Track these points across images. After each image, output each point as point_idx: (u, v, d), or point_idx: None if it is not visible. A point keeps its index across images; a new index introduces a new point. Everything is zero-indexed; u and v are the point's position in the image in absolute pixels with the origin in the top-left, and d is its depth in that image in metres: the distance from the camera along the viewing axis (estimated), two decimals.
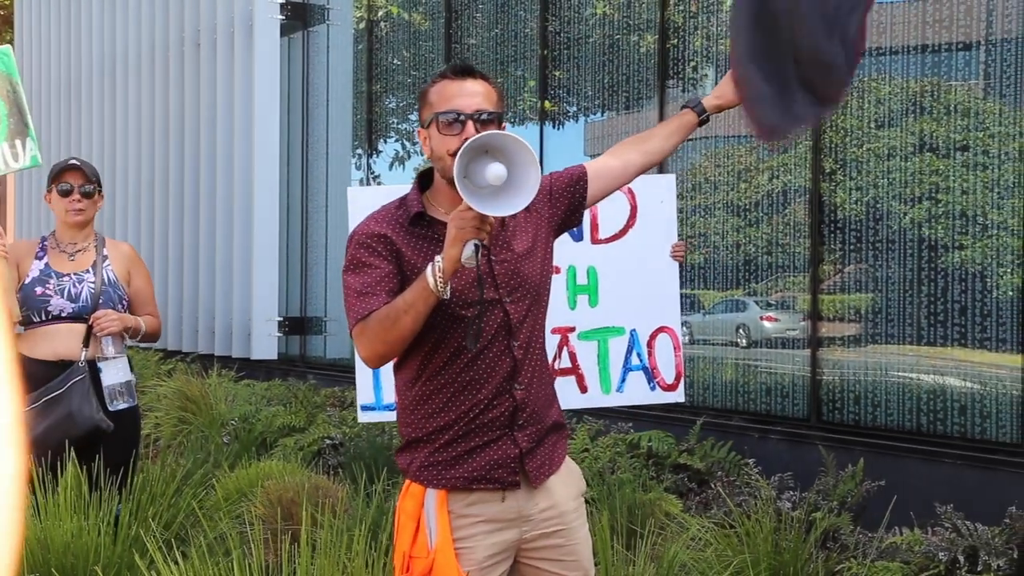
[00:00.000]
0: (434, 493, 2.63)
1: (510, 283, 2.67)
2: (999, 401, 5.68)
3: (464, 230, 2.38)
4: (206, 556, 3.67)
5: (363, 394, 4.75)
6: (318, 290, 10.57)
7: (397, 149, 10.34)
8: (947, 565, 4.53)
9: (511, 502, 2.66)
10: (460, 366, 2.63)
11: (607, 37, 7.89)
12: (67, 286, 4.40)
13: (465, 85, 2.65)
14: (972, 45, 5.99)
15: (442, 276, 2.42)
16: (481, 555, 2.62)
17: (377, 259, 2.63)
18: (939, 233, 5.97)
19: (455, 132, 2.60)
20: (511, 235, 2.72)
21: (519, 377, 2.66)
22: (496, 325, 2.64)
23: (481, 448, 2.64)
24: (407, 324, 2.49)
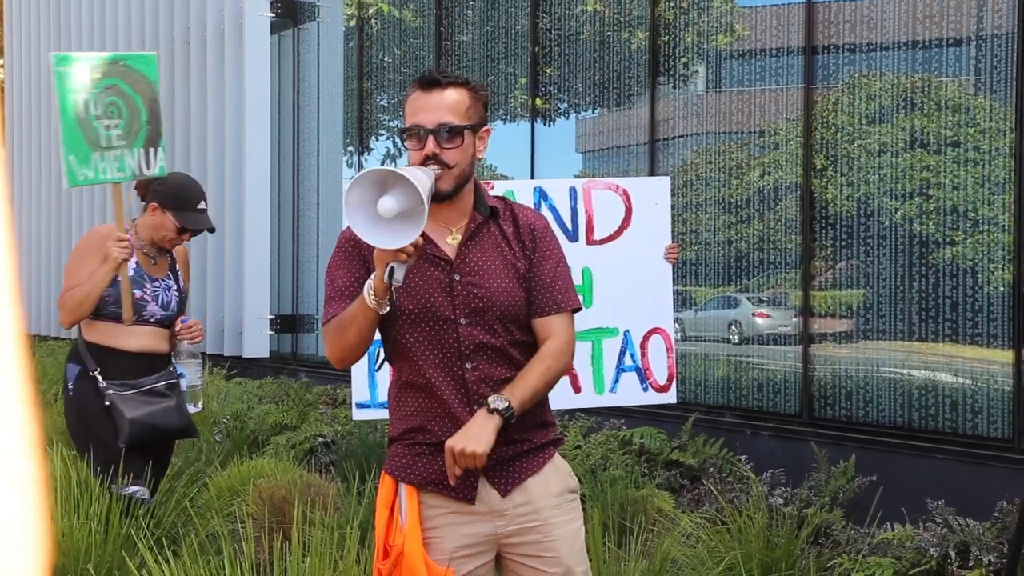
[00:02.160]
0: (404, 486, 2.70)
1: (470, 304, 2.67)
2: (990, 397, 5.69)
3: (381, 253, 2.41)
4: (197, 555, 3.66)
5: (358, 392, 4.75)
6: (310, 288, 10.56)
7: (388, 147, 10.33)
8: (938, 560, 4.54)
9: (481, 497, 2.69)
10: (418, 378, 2.69)
11: (598, 34, 7.89)
12: (160, 293, 4.53)
13: (431, 98, 2.67)
14: (963, 41, 5.99)
15: (374, 294, 2.47)
16: (451, 545, 2.66)
17: (349, 263, 2.71)
18: (930, 229, 5.98)
19: (417, 147, 2.65)
20: (484, 259, 2.72)
21: (475, 399, 2.65)
22: (448, 344, 2.66)
23: (442, 455, 2.63)
24: (352, 335, 2.57)
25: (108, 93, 4.26)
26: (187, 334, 4.52)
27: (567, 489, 2.81)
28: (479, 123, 2.74)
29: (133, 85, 4.33)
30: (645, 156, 7.48)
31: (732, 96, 7.19)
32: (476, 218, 2.76)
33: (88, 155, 4.20)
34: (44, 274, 14.13)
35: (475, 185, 2.79)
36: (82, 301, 4.33)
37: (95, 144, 4.21)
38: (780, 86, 6.79)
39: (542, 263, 2.77)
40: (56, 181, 13.71)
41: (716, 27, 7.17)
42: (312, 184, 10.60)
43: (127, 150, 4.30)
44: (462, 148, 2.67)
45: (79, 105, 4.18)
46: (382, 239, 2.35)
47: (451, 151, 2.65)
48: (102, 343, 4.44)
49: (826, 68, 6.52)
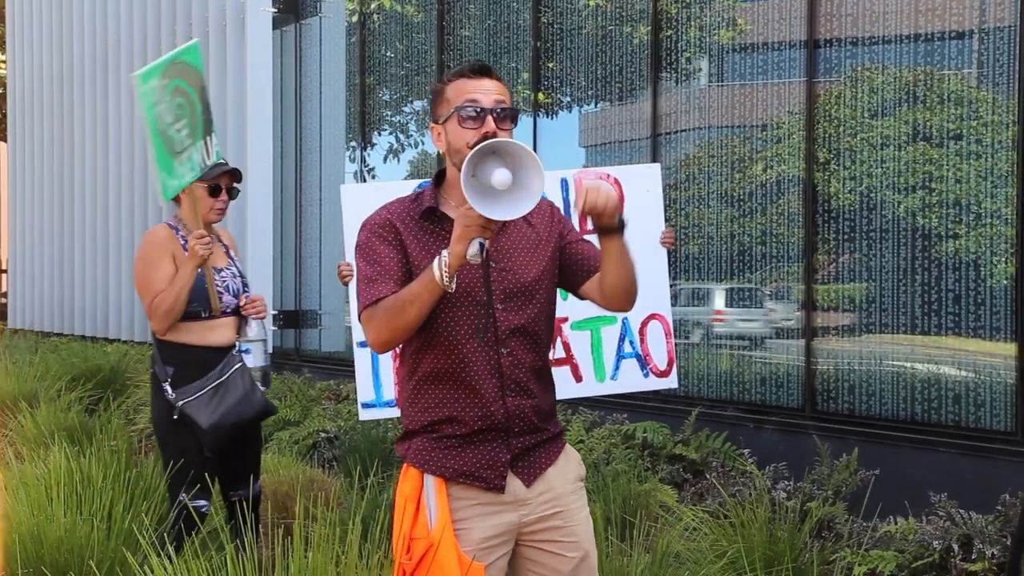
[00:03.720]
0: (432, 477, 2.71)
1: (506, 288, 2.72)
2: (993, 390, 5.68)
3: (470, 228, 2.43)
4: (199, 551, 3.66)
5: (363, 392, 4.74)
6: (313, 283, 10.56)
7: (391, 142, 10.33)
8: (941, 554, 4.54)
9: (509, 486, 2.72)
10: (451, 365, 2.70)
11: (600, 28, 7.88)
12: (228, 282, 4.51)
13: (483, 83, 2.72)
14: (965, 34, 5.98)
15: (447, 270, 2.48)
16: (477, 536, 2.68)
17: (386, 247, 2.72)
18: (933, 222, 5.97)
19: (475, 126, 2.67)
20: (514, 244, 2.78)
21: (510, 386, 2.72)
22: (483, 329, 2.70)
23: (473, 446, 2.71)
24: (412, 314, 2.57)
25: (175, 96, 4.18)
26: (251, 308, 4.47)
27: (579, 476, 2.89)
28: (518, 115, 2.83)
29: (189, 80, 4.26)
30: (647, 150, 7.47)
31: (734, 90, 7.18)
32: None
33: (171, 165, 4.16)
34: (47, 269, 14.14)
35: None
36: (173, 304, 4.29)
37: (173, 152, 4.16)
38: (782, 80, 6.78)
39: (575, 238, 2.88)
40: (59, 176, 13.73)
41: (718, 21, 7.15)
42: (315, 179, 10.60)
43: (193, 147, 4.26)
44: (510, 133, 2.74)
45: (160, 118, 4.10)
46: (494, 211, 2.38)
47: (505, 133, 2.71)
48: (192, 343, 4.39)
49: (828, 62, 6.50)
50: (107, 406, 8.03)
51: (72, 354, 10.26)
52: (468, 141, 2.63)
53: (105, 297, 12.59)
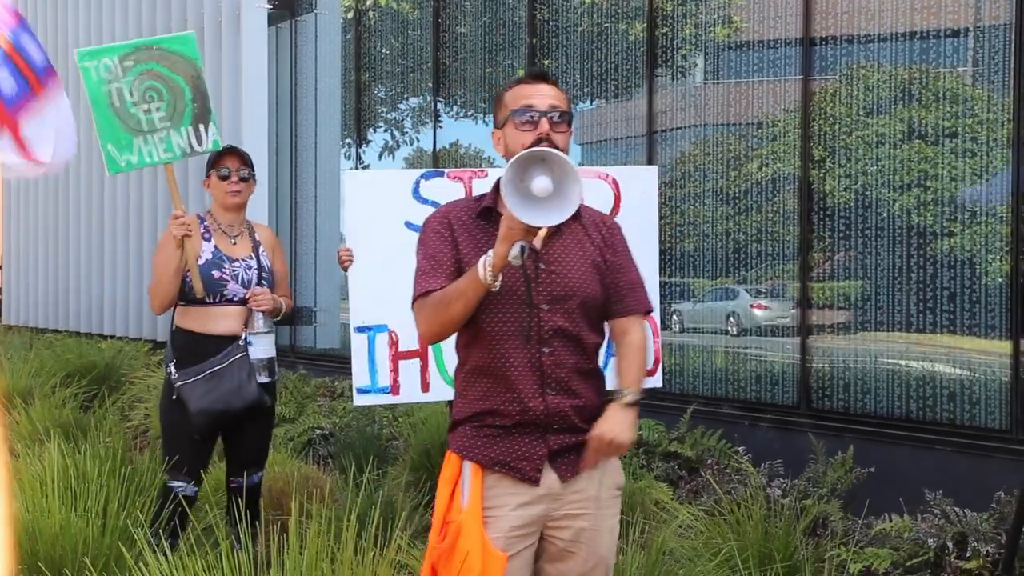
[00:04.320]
0: (470, 463, 2.82)
1: (552, 292, 2.81)
2: (988, 388, 5.69)
3: (513, 231, 2.54)
4: (195, 547, 3.66)
5: (359, 377, 4.73)
6: (308, 280, 10.55)
7: (386, 138, 10.33)
8: (936, 551, 4.55)
9: (544, 479, 2.80)
10: (493, 361, 2.81)
11: (596, 25, 7.88)
12: (240, 272, 4.58)
13: (539, 87, 2.86)
14: (960, 32, 5.98)
15: (491, 270, 2.60)
16: (507, 525, 2.76)
17: (441, 242, 2.86)
18: (928, 220, 5.97)
19: (530, 128, 2.81)
20: (566, 249, 2.87)
21: (551, 384, 2.80)
22: (527, 329, 2.79)
23: (512, 437, 2.81)
24: (458, 309, 2.70)
25: (144, 78, 4.43)
26: (253, 300, 4.55)
27: (617, 484, 2.96)
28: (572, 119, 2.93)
29: (172, 67, 4.48)
30: (643, 147, 7.47)
31: (730, 87, 7.18)
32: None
33: (130, 141, 4.41)
34: (42, 265, 14.12)
35: None
36: (156, 284, 4.48)
37: (136, 130, 4.41)
38: (778, 77, 6.78)
39: (624, 265, 2.96)
40: (52, 180, 13.69)
41: (714, 18, 7.15)
42: (310, 177, 10.59)
43: (173, 130, 4.47)
44: (567, 135, 2.86)
45: (111, 95, 4.37)
46: (534, 217, 2.49)
47: (560, 135, 2.83)
48: (194, 329, 4.53)
49: (824, 59, 6.51)
50: (102, 402, 8.02)
51: (67, 350, 10.23)
52: (524, 143, 2.75)
53: (100, 293, 12.57)
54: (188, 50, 4.51)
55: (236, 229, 4.68)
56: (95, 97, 4.35)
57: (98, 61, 4.36)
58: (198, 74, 4.52)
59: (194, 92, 4.50)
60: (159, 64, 4.44)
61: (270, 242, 4.82)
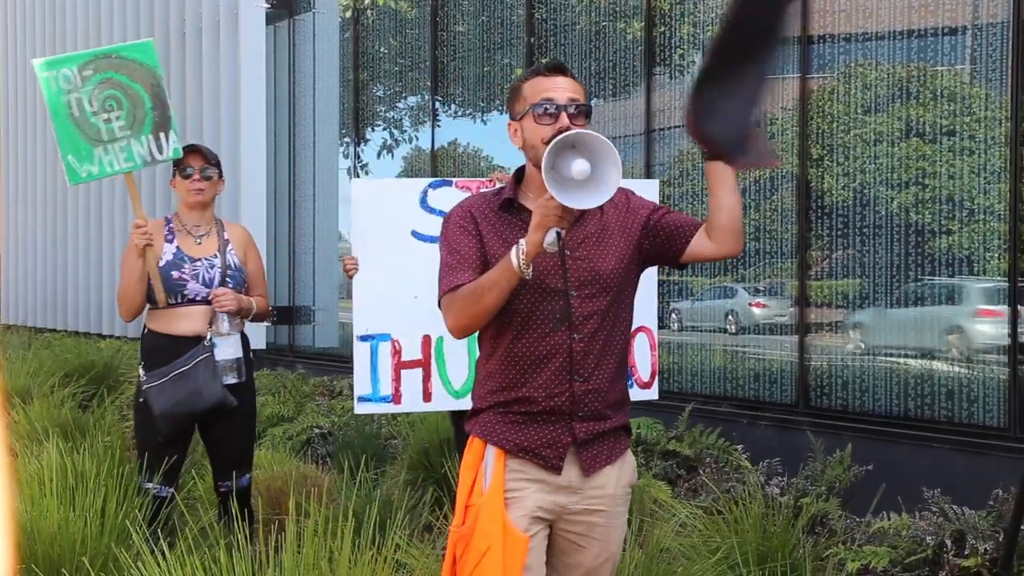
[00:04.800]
0: (493, 448, 2.82)
1: (581, 277, 2.81)
2: (986, 386, 5.69)
3: (548, 217, 2.55)
4: (192, 547, 3.66)
5: (360, 385, 4.73)
6: (306, 279, 10.55)
7: (385, 137, 10.32)
8: (934, 549, 4.55)
9: (565, 471, 2.81)
10: (523, 348, 2.81)
11: (594, 24, 7.87)
12: (201, 271, 4.55)
13: (558, 80, 2.84)
14: (958, 30, 5.98)
15: (525, 258, 2.60)
16: (531, 504, 2.78)
17: (466, 237, 2.85)
18: (926, 218, 5.97)
19: (550, 122, 2.80)
20: (590, 233, 2.86)
21: (579, 371, 2.80)
22: (559, 315, 2.79)
23: (538, 424, 2.81)
24: (491, 300, 2.70)
25: (103, 87, 4.41)
26: (215, 301, 4.51)
27: (630, 483, 2.98)
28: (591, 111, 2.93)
29: (131, 75, 4.46)
30: (641, 146, 7.47)
31: None
32: None
33: (90, 151, 4.40)
34: (40, 264, 14.11)
35: None
36: (122, 292, 4.51)
37: (96, 139, 4.40)
38: (775, 76, 6.76)
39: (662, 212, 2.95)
40: (51, 170, 13.70)
41: (712, 17, 7.15)
42: (308, 175, 10.58)
43: (133, 139, 4.46)
44: (585, 128, 2.78)
45: (71, 105, 4.36)
46: (574, 200, 2.50)
47: (580, 128, 2.74)
48: (159, 330, 4.53)
49: (822, 57, 6.51)
50: (100, 402, 8.02)
51: (65, 350, 10.23)
52: (543, 136, 2.75)
53: (99, 292, 12.57)
54: (147, 58, 4.50)
55: (202, 228, 4.65)
56: (54, 108, 4.35)
57: (57, 72, 4.35)
58: (157, 82, 4.51)
59: (154, 100, 4.49)
60: (118, 73, 4.44)
61: (242, 240, 4.79)
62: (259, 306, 4.78)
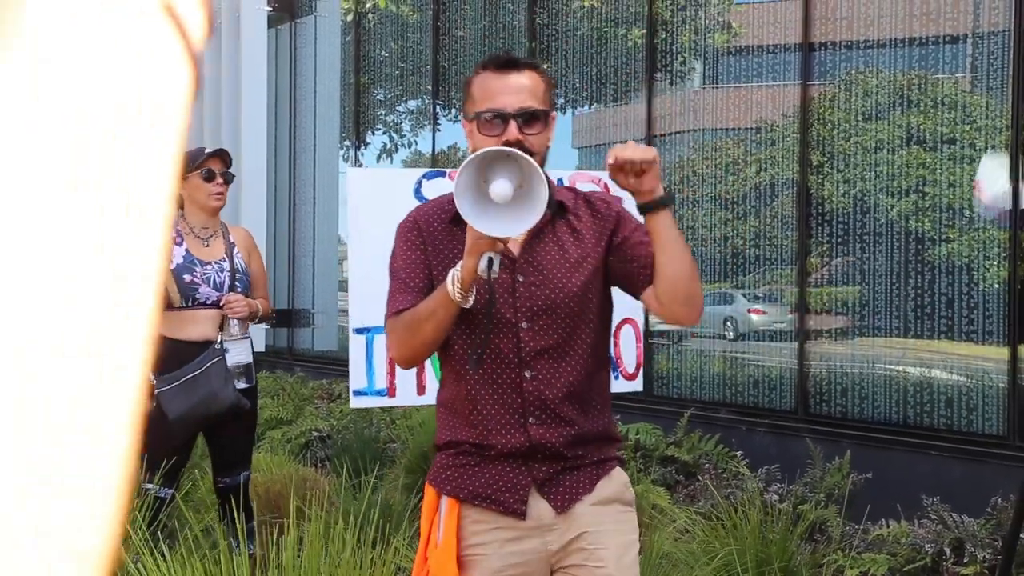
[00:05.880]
0: (446, 498, 2.49)
1: (532, 305, 2.43)
2: (985, 394, 5.69)
3: (479, 241, 2.19)
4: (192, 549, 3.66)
5: (355, 379, 4.73)
6: (306, 282, 10.55)
7: (385, 141, 10.34)
8: (933, 557, 4.55)
9: (530, 511, 2.45)
10: (470, 384, 2.46)
11: (595, 30, 7.88)
12: (212, 275, 4.54)
13: (509, 80, 2.45)
14: (959, 38, 6.00)
15: (459, 285, 2.25)
16: (497, 564, 2.43)
17: (410, 252, 2.50)
18: (926, 226, 5.98)
19: (496, 132, 2.42)
20: (549, 255, 2.48)
21: (533, 410, 2.43)
22: (506, 350, 2.42)
23: (491, 467, 2.46)
24: (428, 331, 2.35)
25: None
26: (227, 307, 4.51)
27: (620, 499, 2.57)
28: (552, 109, 2.54)
29: None
30: None
31: (728, 92, 7.19)
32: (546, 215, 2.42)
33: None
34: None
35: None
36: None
37: None
38: (776, 83, 6.79)
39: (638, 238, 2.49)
40: None
41: (713, 24, 7.16)
42: (308, 178, 10.59)
43: None
44: (543, 134, 2.47)
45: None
46: (492, 226, 2.14)
47: (534, 137, 2.43)
48: (169, 335, 4.48)
49: (822, 65, 6.52)
50: None
51: None
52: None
53: None
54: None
55: (209, 231, 4.63)
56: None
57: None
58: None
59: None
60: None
61: (246, 243, 4.80)
62: (263, 308, 4.80)
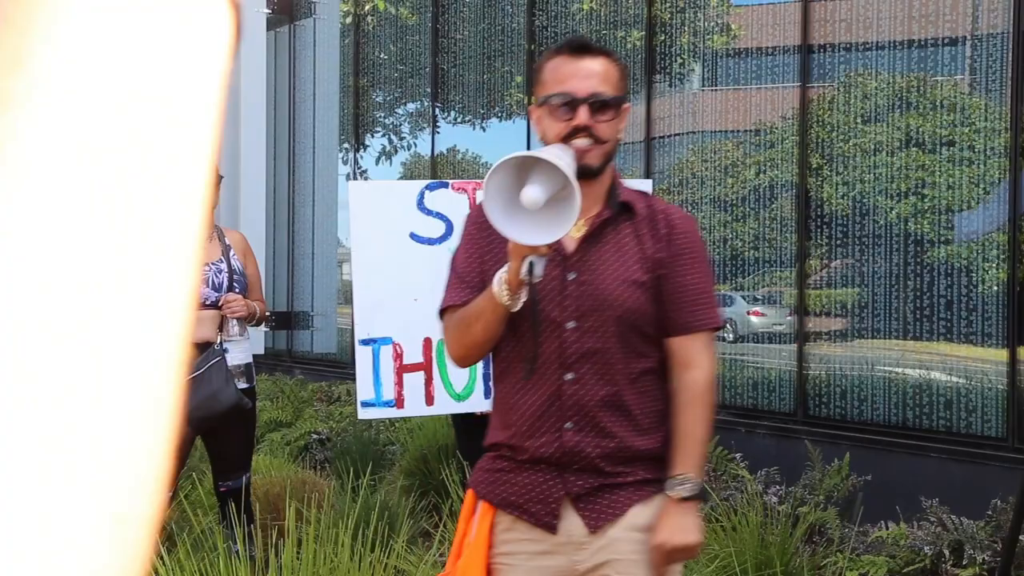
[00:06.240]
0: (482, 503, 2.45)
1: (580, 306, 2.34)
2: (984, 396, 5.69)
3: (519, 246, 2.11)
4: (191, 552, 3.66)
5: (363, 390, 4.73)
6: (305, 284, 10.55)
7: (384, 144, 10.33)
8: (932, 559, 4.55)
9: (563, 527, 2.37)
10: (510, 385, 2.41)
11: (594, 32, 7.88)
12: (210, 276, 4.58)
13: (581, 65, 2.38)
14: (958, 40, 6.00)
15: (507, 287, 2.19)
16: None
17: (470, 244, 2.45)
18: (925, 228, 5.98)
19: (566, 117, 2.35)
20: (608, 253, 2.40)
21: (570, 416, 2.34)
22: (548, 351, 2.35)
23: (526, 473, 2.39)
24: (478, 332, 2.31)
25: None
26: (226, 307, 4.54)
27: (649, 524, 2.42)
28: (626, 97, 2.46)
29: None
30: (641, 154, 7.48)
31: (728, 95, 7.19)
32: (604, 212, 2.42)
33: None
34: None
35: (612, 173, 2.48)
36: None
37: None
38: (775, 85, 6.79)
39: (683, 271, 2.40)
40: None
41: (712, 26, 7.17)
42: (307, 181, 10.59)
43: None
44: (613, 122, 2.40)
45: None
46: (524, 233, 2.07)
47: (604, 124, 2.37)
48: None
49: (821, 67, 6.52)
50: None
51: None
52: (558, 133, 2.34)
53: None
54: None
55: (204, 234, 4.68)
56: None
57: None
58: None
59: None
60: None
61: (241, 246, 4.84)
62: (259, 310, 4.81)
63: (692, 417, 2.36)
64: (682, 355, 2.38)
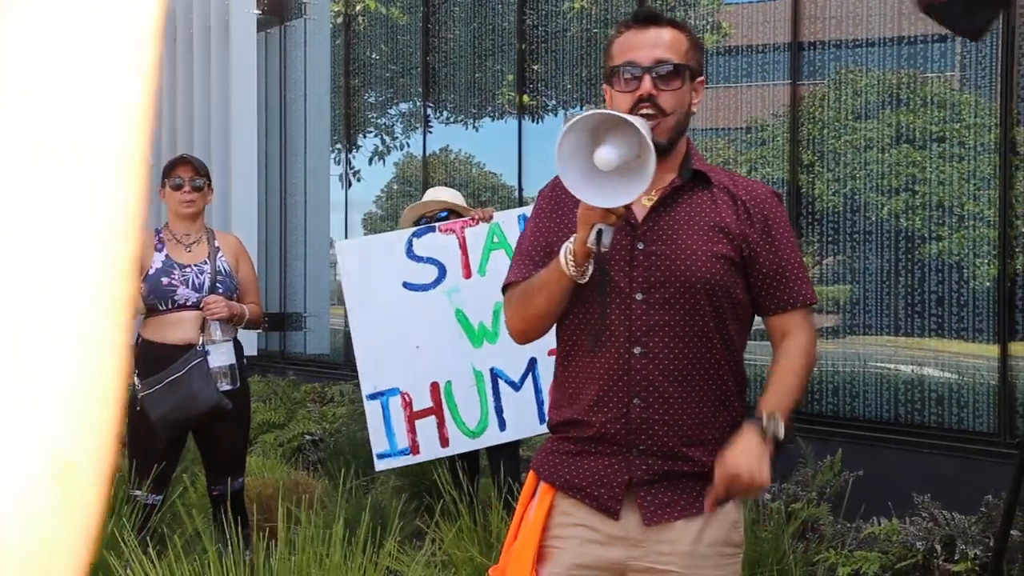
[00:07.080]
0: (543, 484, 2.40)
1: (650, 277, 2.27)
2: (976, 391, 5.70)
3: (588, 213, 2.08)
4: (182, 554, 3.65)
5: (376, 443, 4.73)
6: (297, 285, 10.54)
7: (376, 144, 10.31)
8: (924, 554, 4.55)
9: (625, 518, 2.31)
10: (578, 359, 2.35)
11: (585, 31, 7.88)
12: (191, 277, 4.58)
13: (647, 35, 2.33)
14: (949, 36, 6.00)
15: (572, 258, 2.15)
16: (568, 560, 2.31)
17: (538, 220, 2.42)
18: (916, 224, 5.99)
19: (631, 88, 2.30)
20: (681, 223, 2.33)
21: (639, 391, 2.28)
22: (617, 323, 2.28)
23: (592, 455, 2.33)
24: (540, 304, 2.26)
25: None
26: (206, 309, 4.53)
27: (726, 542, 2.39)
28: (697, 69, 2.40)
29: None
30: None
31: (719, 92, 7.19)
32: (676, 181, 2.36)
33: None
34: None
35: (687, 144, 2.45)
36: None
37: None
38: (766, 82, 6.79)
39: (778, 249, 2.37)
40: None
41: (702, 24, 7.17)
42: (299, 182, 10.57)
43: None
44: (680, 92, 2.33)
45: None
46: (598, 196, 2.03)
47: (668, 94, 2.31)
48: (152, 338, 4.55)
49: (812, 64, 6.52)
50: None
51: None
52: (624, 106, 2.28)
53: None
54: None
55: (192, 237, 4.69)
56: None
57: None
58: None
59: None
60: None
61: (233, 248, 4.84)
62: (252, 313, 4.79)
63: (789, 365, 2.40)
64: (778, 329, 2.43)
